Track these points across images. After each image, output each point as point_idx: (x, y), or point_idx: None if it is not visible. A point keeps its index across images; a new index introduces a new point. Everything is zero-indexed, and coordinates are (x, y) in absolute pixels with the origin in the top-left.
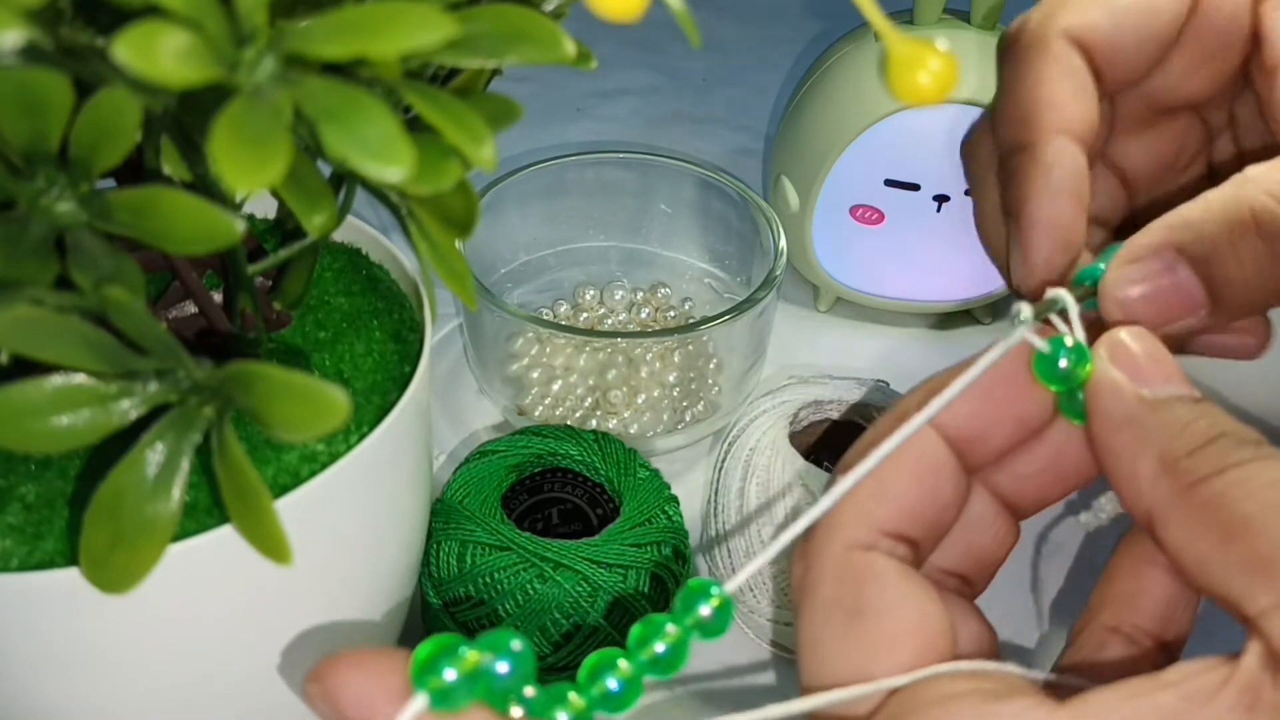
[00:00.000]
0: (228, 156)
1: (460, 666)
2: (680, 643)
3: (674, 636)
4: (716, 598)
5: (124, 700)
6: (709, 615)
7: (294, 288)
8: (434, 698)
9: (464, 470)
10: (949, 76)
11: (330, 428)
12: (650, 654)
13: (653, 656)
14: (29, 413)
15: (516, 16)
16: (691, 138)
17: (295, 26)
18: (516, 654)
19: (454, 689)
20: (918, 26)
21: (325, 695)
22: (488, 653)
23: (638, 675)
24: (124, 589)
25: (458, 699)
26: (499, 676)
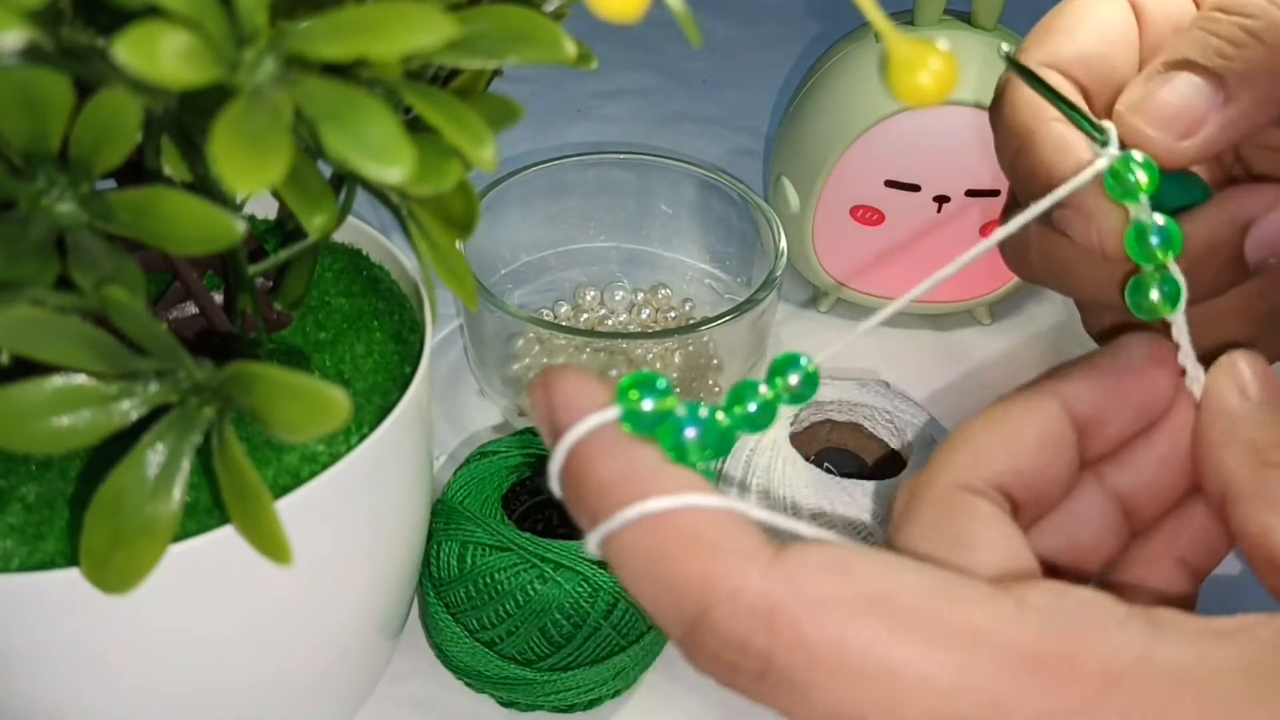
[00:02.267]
0: (228, 157)
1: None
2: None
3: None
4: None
5: (124, 700)
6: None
7: (294, 288)
8: (626, 416)
9: (464, 471)
10: (949, 77)
11: (331, 428)
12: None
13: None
14: (29, 413)
15: (517, 17)
16: (692, 138)
17: (296, 27)
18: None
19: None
20: (918, 27)
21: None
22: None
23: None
24: (124, 589)
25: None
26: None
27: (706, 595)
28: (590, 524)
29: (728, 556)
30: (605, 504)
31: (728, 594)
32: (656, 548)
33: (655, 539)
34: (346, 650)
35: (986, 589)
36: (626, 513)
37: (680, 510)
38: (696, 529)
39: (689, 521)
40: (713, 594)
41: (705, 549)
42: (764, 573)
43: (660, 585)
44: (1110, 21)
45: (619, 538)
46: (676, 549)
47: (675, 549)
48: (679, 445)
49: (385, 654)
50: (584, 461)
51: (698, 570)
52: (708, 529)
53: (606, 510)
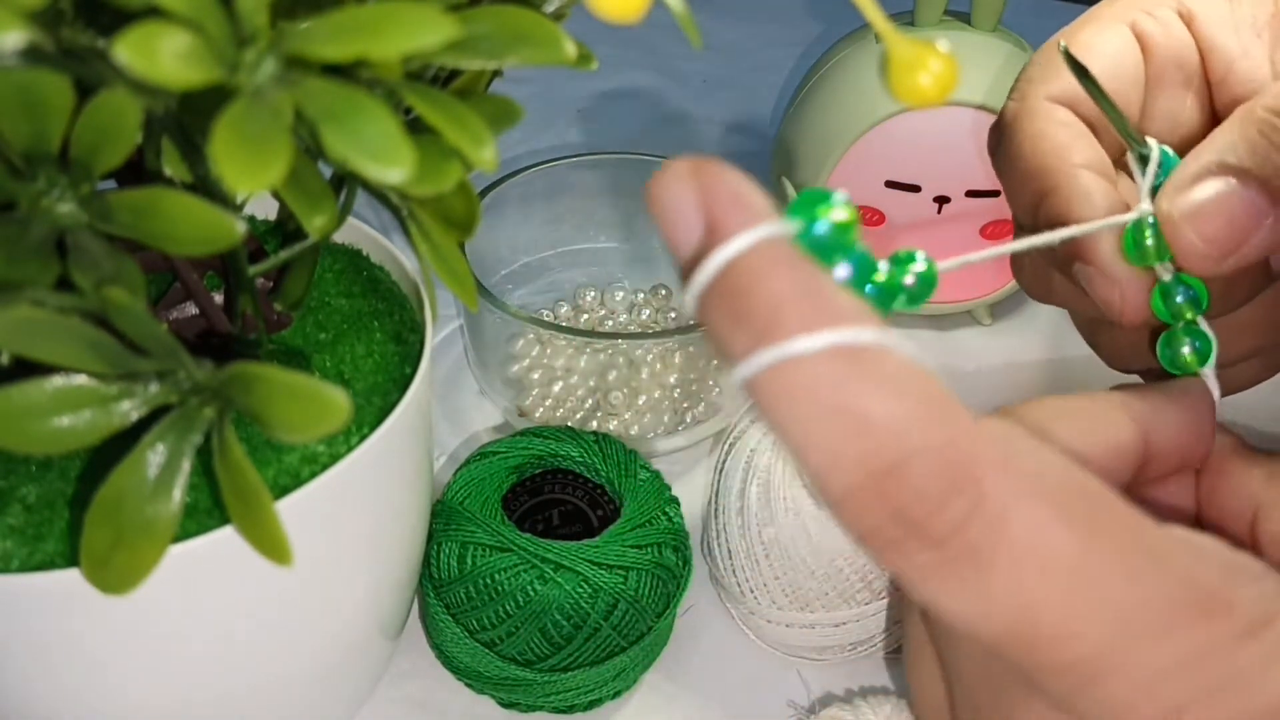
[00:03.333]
0: (229, 158)
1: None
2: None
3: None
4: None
5: (124, 701)
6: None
7: (295, 289)
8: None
9: (464, 471)
10: (949, 78)
11: (331, 429)
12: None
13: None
14: (30, 414)
15: (517, 18)
16: (692, 139)
17: (296, 28)
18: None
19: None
20: (918, 28)
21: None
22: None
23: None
24: (124, 590)
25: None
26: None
27: (909, 439)
28: (754, 345)
29: (936, 407)
30: (782, 323)
31: (932, 446)
32: (850, 379)
33: (848, 370)
34: (347, 651)
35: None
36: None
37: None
38: (900, 369)
39: (890, 360)
40: (916, 441)
41: (911, 393)
42: (975, 437)
43: (848, 424)
44: (1118, 53)
45: (795, 365)
46: (877, 385)
47: (875, 384)
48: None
49: (385, 655)
50: (756, 271)
51: (901, 413)
52: (911, 374)
53: (784, 329)
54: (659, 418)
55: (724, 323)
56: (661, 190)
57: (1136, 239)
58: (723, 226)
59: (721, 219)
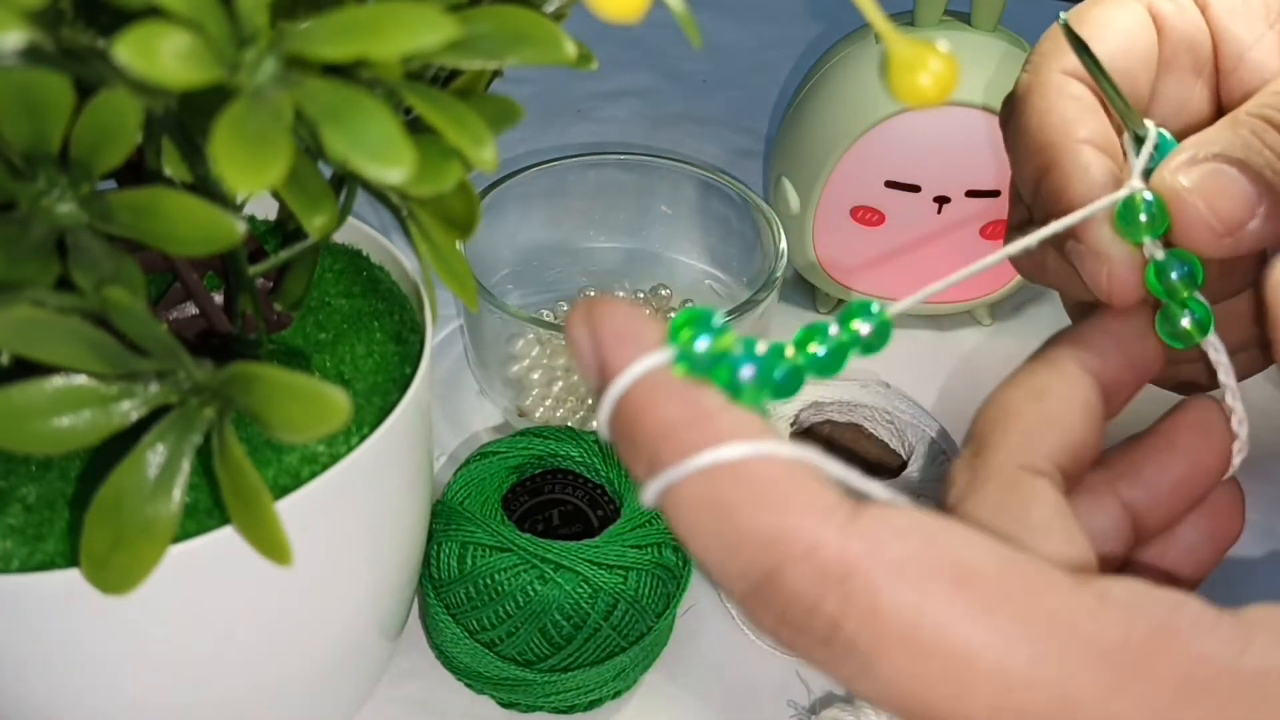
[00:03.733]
0: (229, 158)
1: (714, 344)
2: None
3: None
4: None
5: (124, 701)
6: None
7: (295, 289)
8: (681, 357)
9: (464, 471)
10: (949, 78)
11: (331, 429)
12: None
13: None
14: (30, 414)
15: (517, 18)
16: (692, 139)
17: (296, 28)
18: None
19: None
20: (918, 28)
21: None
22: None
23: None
24: (124, 590)
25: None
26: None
27: (778, 551)
28: (648, 472)
29: (803, 511)
30: (666, 450)
31: (802, 552)
32: (725, 498)
33: (724, 489)
34: (347, 651)
35: (1069, 578)
36: (695, 460)
37: (751, 459)
38: (769, 480)
39: (761, 471)
40: (785, 550)
41: (779, 502)
42: (842, 531)
43: (727, 539)
44: (1131, 31)
45: (682, 487)
46: (747, 500)
47: (746, 500)
48: (735, 385)
49: (385, 655)
50: (640, 404)
51: (770, 524)
52: (781, 480)
53: (668, 457)
54: None
55: (624, 453)
56: (568, 334)
57: (1127, 213)
58: (609, 366)
59: (608, 359)
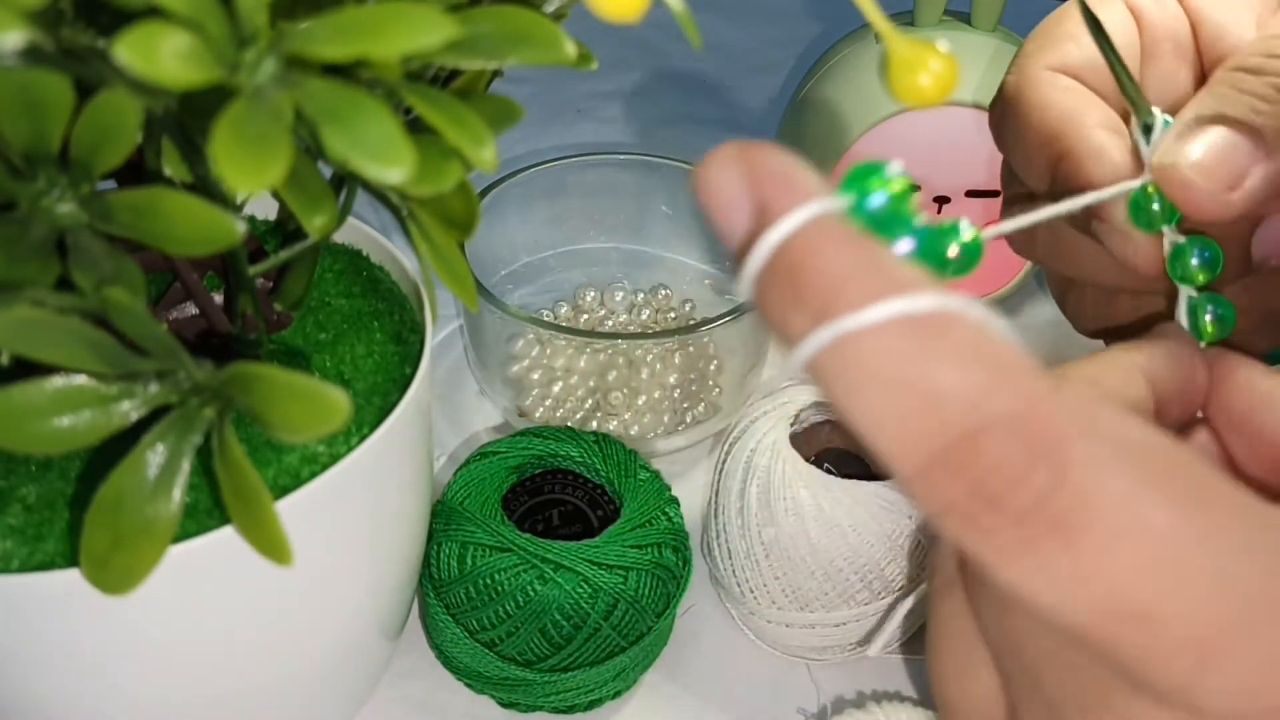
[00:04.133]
0: (229, 158)
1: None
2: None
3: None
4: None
5: (124, 701)
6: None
7: (295, 289)
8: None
9: (464, 471)
10: (949, 78)
11: (331, 429)
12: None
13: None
14: (30, 414)
15: (517, 18)
16: (692, 139)
17: (296, 28)
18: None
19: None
20: (918, 28)
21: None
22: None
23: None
24: (124, 590)
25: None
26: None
27: (984, 410)
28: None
29: (1013, 375)
30: (842, 298)
31: (1011, 416)
32: (920, 350)
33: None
34: (347, 651)
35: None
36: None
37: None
38: (972, 336)
39: (962, 327)
40: (992, 412)
41: (985, 361)
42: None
43: (915, 396)
44: (1116, 27)
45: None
46: (949, 354)
47: (947, 354)
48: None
49: (385, 655)
50: (811, 248)
51: (976, 382)
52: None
53: (844, 305)
54: (659, 418)
55: (780, 305)
56: (708, 176)
57: (1141, 204)
58: (772, 207)
59: (771, 200)
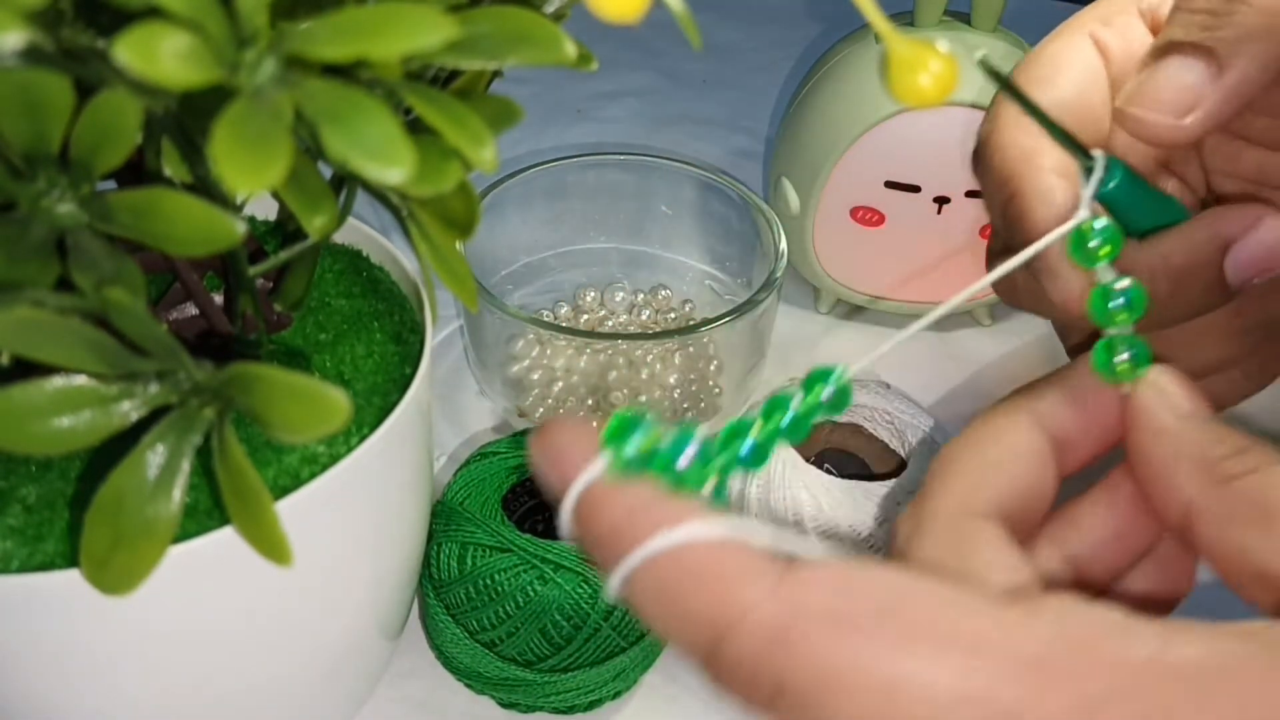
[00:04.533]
0: (229, 158)
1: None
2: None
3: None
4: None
5: (124, 702)
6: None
7: (295, 289)
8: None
9: (464, 472)
10: (949, 78)
11: (331, 429)
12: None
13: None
14: (30, 414)
15: (517, 18)
16: (692, 139)
17: (296, 28)
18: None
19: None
20: (918, 28)
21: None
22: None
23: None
24: (125, 590)
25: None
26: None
27: (718, 625)
28: (606, 567)
29: (733, 583)
30: (614, 550)
31: (737, 621)
32: (666, 585)
33: (663, 577)
34: (347, 651)
35: (996, 598)
36: (631, 558)
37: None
38: (700, 560)
39: (692, 554)
40: (723, 623)
41: (711, 579)
42: (771, 594)
43: (675, 621)
44: (1083, 66)
45: (634, 580)
46: (684, 584)
47: (683, 584)
48: (676, 476)
49: (385, 655)
50: (587, 513)
51: (706, 601)
52: (711, 558)
53: (616, 556)
54: (659, 418)
55: (587, 550)
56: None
57: (1079, 241)
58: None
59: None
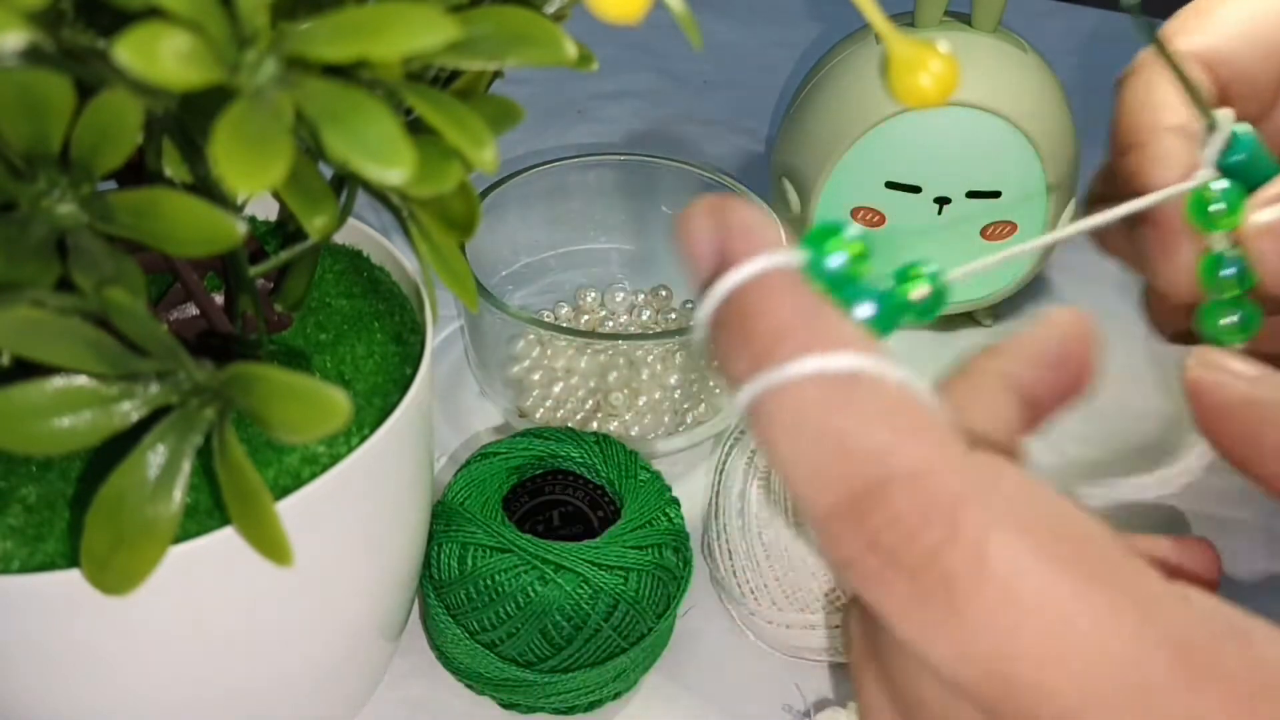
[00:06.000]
0: (229, 158)
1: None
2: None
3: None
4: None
5: (124, 702)
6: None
7: (295, 290)
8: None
9: (465, 472)
10: (950, 78)
11: (331, 429)
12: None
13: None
14: (30, 414)
15: (518, 18)
16: (692, 140)
17: (296, 28)
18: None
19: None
20: (919, 29)
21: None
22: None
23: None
24: (125, 591)
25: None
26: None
27: (888, 467)
28: (751, 369)
29: (919, 434)
30: (780, 349)
31: (912, 473)
32: (838, 405)
33: (837, 396)
34: (347, 652)
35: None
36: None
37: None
38: (886, 396)
39: (881, 388)
40: (896, 467)
41: (897, 420)
42: (958, 466)
43: (830, 446)
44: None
45: (789, 389)
46: (862, 412)
47: (861, 411)
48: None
49: (386, 656)
50: (760, 297)
51: (884, 439)
52: (899, 400)
53: (780, 356)
54: (659, 419)
55: (728, 347)
56: (684, 224)
57: (1199, 204)
58: (733, 256)
59: (733, 249)
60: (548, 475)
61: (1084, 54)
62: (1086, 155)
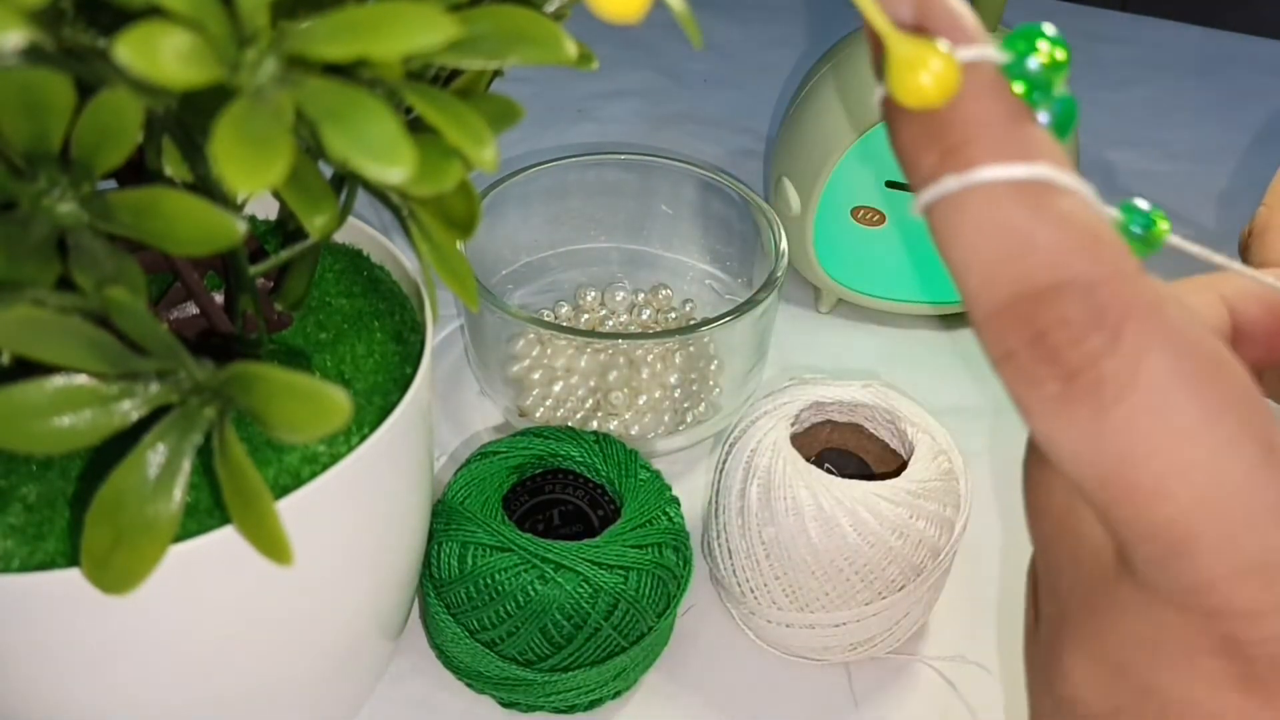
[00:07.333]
0: (229, 157)
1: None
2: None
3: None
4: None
5: (124, 701)
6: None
7: (295, 289)
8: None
9: (465, 471)
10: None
11: (331, 429)
12: None
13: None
14: (30, 413)
15: (518, 18)
16: (693, 139)
17: (297, 27)
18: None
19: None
20: None
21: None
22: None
23: None
24: (125, 590)
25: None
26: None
27: (1065, 268)
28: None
29: (1102, 248)
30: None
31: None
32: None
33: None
34: (347, 651)
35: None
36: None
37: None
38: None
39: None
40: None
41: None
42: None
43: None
44: None
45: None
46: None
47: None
48: None
49: (386, 654)
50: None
51: (1067, 245)
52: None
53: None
54: (659, 418)
55: (916, 139)
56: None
57: None
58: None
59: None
60: (548, 474)
61: (1084, 53)
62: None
